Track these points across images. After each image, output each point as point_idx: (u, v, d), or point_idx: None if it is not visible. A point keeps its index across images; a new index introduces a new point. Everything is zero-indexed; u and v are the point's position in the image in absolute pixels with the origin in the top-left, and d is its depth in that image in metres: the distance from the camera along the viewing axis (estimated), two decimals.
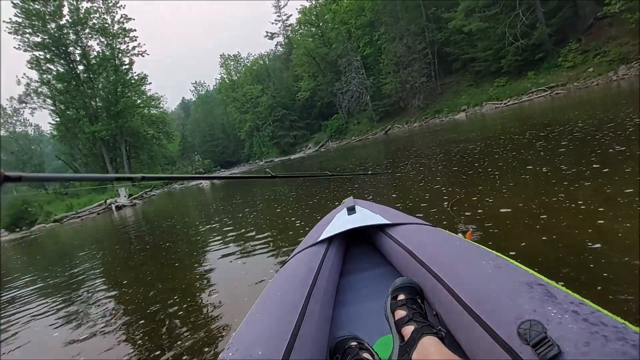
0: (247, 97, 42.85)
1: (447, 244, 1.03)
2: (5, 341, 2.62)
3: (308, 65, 36.34)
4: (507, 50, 19.71)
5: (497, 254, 0.88)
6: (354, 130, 32.96)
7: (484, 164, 4.24)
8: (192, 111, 66.20)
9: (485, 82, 22.18)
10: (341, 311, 1.11)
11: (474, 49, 22.38)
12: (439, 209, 2.90)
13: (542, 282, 0.68)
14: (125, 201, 18.73)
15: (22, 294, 4.06)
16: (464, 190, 3.27)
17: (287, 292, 0.96)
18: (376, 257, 1.39)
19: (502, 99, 18.99)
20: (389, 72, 27.65)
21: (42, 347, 2.39)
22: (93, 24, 28.19)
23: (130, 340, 2.09)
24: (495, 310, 0.65)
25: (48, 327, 2.70)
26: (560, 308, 0.58)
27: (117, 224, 10.67)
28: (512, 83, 19.75)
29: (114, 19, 28.90)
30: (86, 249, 6.67)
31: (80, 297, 3.31)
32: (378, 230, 1.38)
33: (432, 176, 4.42)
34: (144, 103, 32.88)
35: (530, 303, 0.62)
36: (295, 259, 1.25)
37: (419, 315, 0.80)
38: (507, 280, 0.71)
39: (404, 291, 0.90)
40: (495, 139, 6.29)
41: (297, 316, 0.83)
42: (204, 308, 2.31)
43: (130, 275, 3.73)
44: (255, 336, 0.76)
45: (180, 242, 4.89)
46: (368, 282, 1.25)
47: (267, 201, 6.31)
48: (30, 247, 10.37)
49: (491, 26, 20.26)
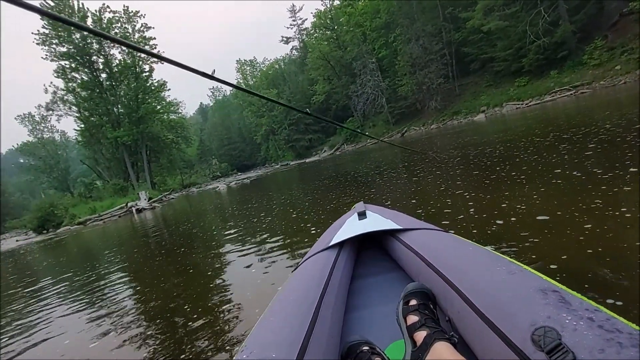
0: (262, 101, 43.26)
1: (459, 249, 1.02)
2: (28, 339, 2.69)
3: (323, 68, 36.40)
4: (529, 49, 19.13)
5: (510, 259, 0.87)
6: (370, 132, 32.70)
7: (507, 168, 4.04)
8: (210, 116, 67.44)
9: (506, 82, 21.59)
10: (353, 315, 1.12)
11: (493, 49, 21.85)
12: (465, 215, 2.75)
13: (556, 288, 0.67)
14: (145, 204, 19.12)
15: (46, 293, 4.18)
16: (489, 196, 3.09)
17: (299, 296, 0.96)
18: (387, 262, 1.39)
19: (524, 99, 18.41)
20: (404, 73, 27.35)
21: (58, 345, 2.42)
22: (115, 33, 29.10)
23: (146, 340, 2.13)
24: (509, 316, 0.65)
25: (69, 325, 2.76)
26: (575, 315, 0.58)
27: (137, 226, 10.86)
28: (534, 83, 19.13)
29: (135, 28, 29.83)
30: (108, 251, 6.80)
31: (101, 297, 3.38)
32: (389, 235, 1.37)
33: (452, 180, 4.23)
34: (163, 109, 33.71)
35: (545, 309, 0.61)
36: (307, 263, 1.26)
37: (431, 321, 0.80)
38: (521, 286, 0.71)
39: (416, 296, 0.90)
40: (517, 141, 6.03)
41: (310, 320, 0.83)
42: (217, 309, 2.32)
43: (148, 276, 3.78)
44: (268, 339, 0.76)
45: (196, 245, 4.88)
46: (379, 287, 1.25)
47: (282, 205, 6.24)
48: (56, 249, 10.68)
49: (511, 25, 19.72)
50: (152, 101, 31.89)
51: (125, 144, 29.04)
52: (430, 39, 25.35)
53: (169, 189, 30.62)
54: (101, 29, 28.45)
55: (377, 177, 6.75)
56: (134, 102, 30.12)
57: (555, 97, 16.26)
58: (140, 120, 29.70)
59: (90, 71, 29.17)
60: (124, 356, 2.01)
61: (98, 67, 29.62)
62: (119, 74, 29.95)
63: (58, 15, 1.06)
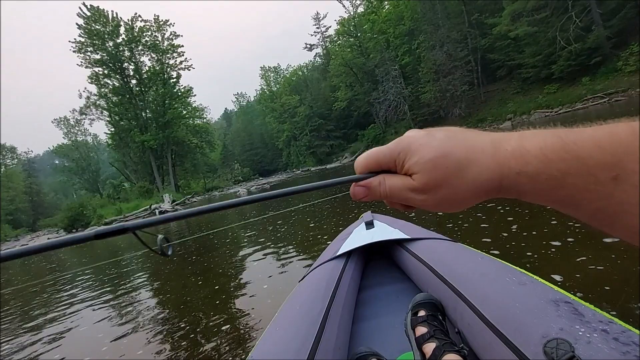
0: (285, 108, 43.78)
1: (469, 259, 1.00)
2: (55, 332, 2.81)
3: (345, 75, 36.48)
4: (559, 55, 18.46)
5: (520, 270, 0.85)
6: (391, 139, 31.07)
7: None
8: (234, 121, 68.85)
9: (534, 90, 20.87)
10: (360, 326, 1.10)
11: (521, 55, 21.23)
12: (507, 242, 2.61)
13: (568, 299, 0.66)
14: (168, 207, 19.63)
15: (75, 290, 4.38)
16: (530, 221, 2.92)
17: (306, 305, 0.96)
18: (395, 272, 1.38)
19: (553, 107, 17.73)
20: (428, 80, 26.97)
21: (77, 339, 2.52)
22: (145, 41, 30.42)
23: (161, 337, 2.21)
24: (521, 328, 0.63)
25: (90, 317, 2.92)
26: (589, 327, 0.57)
27: (159, 229, 11.10)
28: (565, 90, 18.39)
29: (164, 36, 31.01)
30: (132, 252, 7.05)
31: (123, 295, 3.53)
32: (397, 245, 1.36)
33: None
34: (189, 114, 34.74)
35: (557, 321, 0.60)
36: (314, 272, 1.25)
37: (441, 333, 0.79)
38: (533, 298, 0.69)
39: (424, 307, 0.89)
40: None
41: (317, 330, 0.82)
42: (231, 312, 2.35)
43: (167, 276, 3.90)
44: (276, 350, 0.76)
45: (214, 249, 4.93)
46: (387, 297, 1.23)
47: (301, 213, 6.19)
48: (83, 248, 11.09)
49: (540, 30, 19.11)
50: (179, 106, 32.95)
51: (152, 147, 30.06)
52: (455, 45, 24.94)
53: (192, 192, 31.38)
54: (132, 37, 29.84)
55: None
56: (161, 107, 31.24)
57: (587, 105, 15.56)
58: (167, 124, 30.72)
59: (121, 77, 30.55)
60: (137, 350, 2.07)
61: (129, 73, 31.00)
62: (148, 80, 31.17)
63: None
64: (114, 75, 30.20)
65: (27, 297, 4.73)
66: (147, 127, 31.21)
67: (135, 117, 31.16)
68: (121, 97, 30.63)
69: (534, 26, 19.19)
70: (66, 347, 2.50)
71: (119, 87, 30.43)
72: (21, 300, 4.65)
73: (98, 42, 28.35)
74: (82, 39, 27.88)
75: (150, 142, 29.33)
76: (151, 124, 31.46)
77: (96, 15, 28.19)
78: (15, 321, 3.57)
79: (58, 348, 2.51)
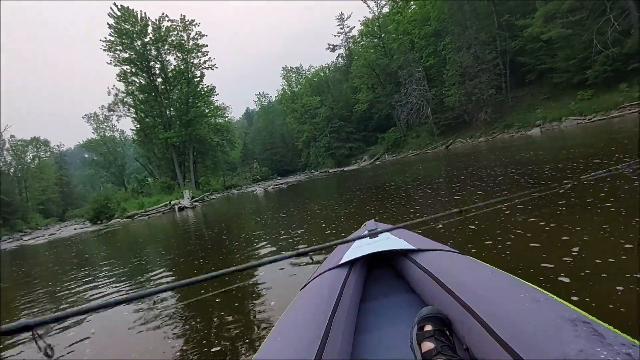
0: (305, 108, 43.81)
1: (478, 272, 0.97)
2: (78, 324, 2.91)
3: (367, 76, 36.10)
4: (594, 59, 17.46)
5: (533, 286, 0.81)
6: (412, 143, 31.76)
7: (574, 195, 3.51)
8: (255, 120, 69.62)
9: (566, 95, 19.86)
10: (363, 337, 1.06)
11: (553, 59, 20.27)
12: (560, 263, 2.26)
13: (586, 319, 0.63)
14: (188, 203, 19.94)
15: (95, 276, 4.68)
16: (589, 237, 2.61)
17: (308, 315, 0.93)
18: (399, 284, 1.34)
19: (586, 114, 16.80)
20: (453, 83, 26.26)
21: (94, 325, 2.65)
22: (172, 40, 31.14)
23: (175, 330, 2.29)
24: (536, 348, 0.60)
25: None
26: (611, 350, 0.53)
27: (178, 224, 11.30)
28: (600, 96, 17.37)
29: (190, 36, 31.64)
30: (152, 244, 7.40)
31: (141, 285, 3.76)
32: (401, 255, 1.32)
33: (514, 210, 3.30)
34: (211, 112, 35.32)
35: (576, 342, 0.56)
36: (316, 281, 1.23)
37: (448, 349, 0.77)
38: (548, 316, 0.66)
39: (431, 321, 0.86)
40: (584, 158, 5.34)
41: (320, 341, 0.80)
42: (238, 313, 2.38)
43: (183, 270, 4.08)
44: (278, 359, 0.74)
45: (227, 247, 4.84)
46: (391, 308, 1.20)
47: (316, 217, 6.01)
48: (107, 238, 11.54)
49: (575, 33, 18.16)
50: (201, 105, 33.55)
51: (175, 144, 30.74)
52: (482, 47, 24.14)
53: (211, 189, 31.86)
54: (159, 37, 30.63)
55: (418, 190, 6.36)
56: (185, 106, 31.91)
57: (624, 112, 14.64)
58: (189, 122, 31.35)
59: (147, 76, 31.43)
60: (149, 340, 2.21)
61: (155, 72, 31.84)
62: (173, 79, 31.93)
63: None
64: (141, 74, 31.10)
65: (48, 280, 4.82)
66: (170, 125, 31.96)
67: (160, 115, 31.97)
68: (147, 95, 31.51)
69: (569, 28, 18.25)
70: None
71: (145, 85, 31.31)
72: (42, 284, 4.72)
73: (127, 41, 29.27)
74: (112, 38, 28.84)
75: (173, 139, 30.00)
76: (175, 121, 32.19)
77: (126, 15, 29.10)
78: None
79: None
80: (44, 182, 46.76)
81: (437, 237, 1.93)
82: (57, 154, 54.76)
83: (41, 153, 49.11)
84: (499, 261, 2.10)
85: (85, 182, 62.14)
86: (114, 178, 47.98)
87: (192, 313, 2.61)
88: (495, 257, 2.21)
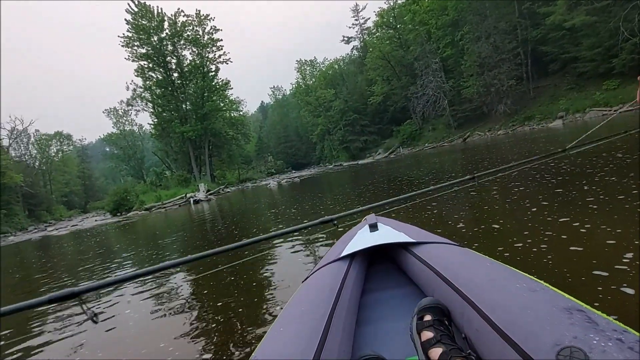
0: (319, 101, 43.63)
1: (476, 264, 0.98)
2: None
3: (382, 68, 35.58)
4: (621, 47, 16.70)
5: (530, 277, 0.83)
6: (428, 136, 31.25)
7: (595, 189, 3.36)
8: (270, 114, 69.83)
9: (590, 86, 19.07)
10: (364, 329, 1.08)
11: (577, 47, 19.45)
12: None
13: (581, 307, 0.65)
14: (203, 196, 20.27)
15: (115, 265, 4.90)
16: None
17: (309, 308, 0.94)
18: (399, 276, 1.36)
19: (612, 105, 16.10)
20: (471, 74, 25.61)
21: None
22: (187, 35, 31.44)
23: (190, 321, 2.32)
24: (532, 335, 0.62)
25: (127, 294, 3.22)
26: (603, 335, 0.56)
27: (193, 216, 11.50)
28: (627, 86, 16.59)
29: (205, 31, 31.85)
30: (167, 236, 7.61)
31: (157, 276, 3.83)
32: (401, 248, 1.34)
33: (539, 209, 3.01)
34: (226, 106, 35.59)
35: (570, 329, 0.59)
36: (317, 274, 1.23)
37: (447, 338, 0.78)
38: (544, 304, 0.68)
39: (430, 312, 0.88)
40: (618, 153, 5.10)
41: (321, 333, 0.81)
42: (247, 305, 2.41)
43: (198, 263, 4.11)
44: (279, 353, 0.75)
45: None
46: (391, 301, 1.22)
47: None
48: (127, 230, 11.88)
49: (601, 20, 17.35)
50: (217, 99, 33.84)
51: (191, 138, 31.20)
52: (502, 36, 23.37)
53: (226, 182, 32.26)
54: (175, 32, 30.96)
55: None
56: (200, 100, 32.27)
57: None
58: (205, 116, 31.73)
59: (164, 70, 31.90)
60: (160, 327, 2.28)
61: (171, 67, 32.25)
62: (189, 74, 32.30)
63: None
64: (158, 69, 31.57)
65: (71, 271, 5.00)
66: (187, 119, 32.43)
67: (176, 109, 32.45)
68: (164, 90, 32.01)
69: (594, 15, 17.45)
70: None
71: (162, 80, 31.81)
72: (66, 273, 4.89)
73: (144, 37, 29.70)
74: (130, 34, 29.31)
75: (189, 133, 30.45)
76: (191, 115, 32.64)
77: (143, 11, 29.49)
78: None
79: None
80: (67, 175, 48.38)
81: (459, 239, 1.87)
82: (80, 147, 56.50)
83: (64, 147, 50.69)
84: (539, 268, 1.88)
85: (106, 175, 63.94)
86: (133, 171, 49.11)
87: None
88: (534, 263, 1.96)
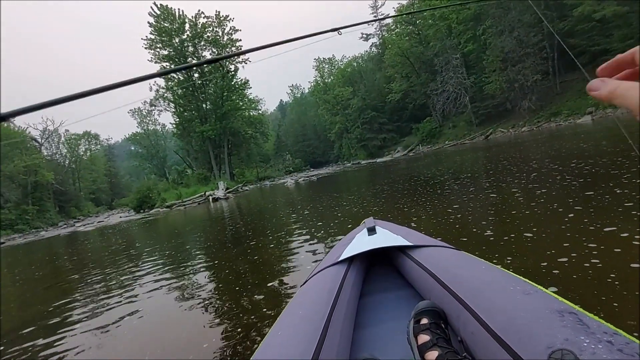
0: (337, 99, 43.44)
1: (472, 267, 0.99)
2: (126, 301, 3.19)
3: (401, 65, 35.04)
4: None
5: (525, 279, 0.84)
6: (449, 134, 30.55)
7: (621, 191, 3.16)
8: (288, 113, 70.18)
9: None
10: (362, 332, 1.09)
11: (608, 39, 18.47)
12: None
13: (573, 310, 0.66)
14: (221, 194, 20.57)
15: (141, 259, 5.20)
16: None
17: (307, 311, 0.95)
18: (397, 279, 1.37)
19: None
20: (493, 70, 24.83)
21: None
22: (207, 36, 32.02)
23: (210, 314, 2.47)
24: (525, 338, 0.64)
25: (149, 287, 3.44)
26: (594, 338, 0.57)
27: (212, 214, 11.71)
28: None
29: (224, 31, 32.35)
30: (188, 233, 7.92)
31: (178, 270, 4.06)
32: (399, 251, 1.35)
33: (577, 219, 2.67)
34: (245, 105, 36.04)
35: (562, 331, 0.60)
36: (315, 278, 1.24)
37: (443, 341, 0.79)
38: (537, 308, 0.69)
39: (427, 315, 0.88)
40: None
41: (319, 337, 0.82)
42: (265, 299, 2.48)
43: (215, 256, 4.39)
44: (278, 354, 0.76)
45: (255, 240, 4.88)
46: (389, 304, 1.23)
47: (345, 214, 5.65)
48: (150, 226, 12.32)
49: (633, 10, 16.41)
50: (236, 98, 34.35)
51: (210, 137, 31.80)
52: (527, 30, 22.50)
53: (245, 181, 32.69)
54: (196, 33, 31.57)
55: (454, 185, 6.03)
56: (220, 99, 32.82)
57: None
58: (224, 116, 32.29)
59: (185, 71, 32.52)
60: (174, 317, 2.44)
61: None
62: (209, 74, 32.90)
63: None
64: None
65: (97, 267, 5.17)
66: (207, 118, 33.07)
67: (197, 109, 33.15)
68: (185, 90, 32.75)
69: (625, 5, 16.54)
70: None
71: (183, 81, 32.56)
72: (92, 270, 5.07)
73: (166, 39, 30.46)
74: (153, 36, 30.11)
75: (209, 132, 31.05)
76: (210, 115, 33.25)
77: (165, 14, 30.22)
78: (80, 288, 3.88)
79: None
80: (94, 173, 50.34)
81: (490, 250, 1.80)
82: (106, 146, 58.57)
83: (92, 146, 52.66)
84: (600, 287, 1.62)
85: (131, 173, 66.05)
86: (156, 169, 50.55)
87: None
88: (593, 284, 1.71)
